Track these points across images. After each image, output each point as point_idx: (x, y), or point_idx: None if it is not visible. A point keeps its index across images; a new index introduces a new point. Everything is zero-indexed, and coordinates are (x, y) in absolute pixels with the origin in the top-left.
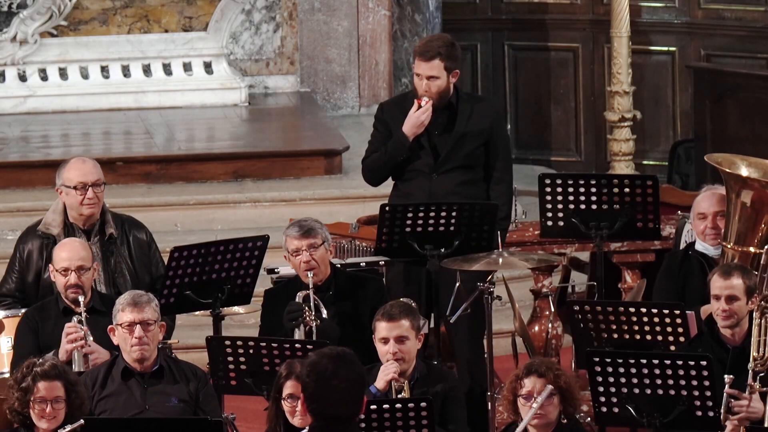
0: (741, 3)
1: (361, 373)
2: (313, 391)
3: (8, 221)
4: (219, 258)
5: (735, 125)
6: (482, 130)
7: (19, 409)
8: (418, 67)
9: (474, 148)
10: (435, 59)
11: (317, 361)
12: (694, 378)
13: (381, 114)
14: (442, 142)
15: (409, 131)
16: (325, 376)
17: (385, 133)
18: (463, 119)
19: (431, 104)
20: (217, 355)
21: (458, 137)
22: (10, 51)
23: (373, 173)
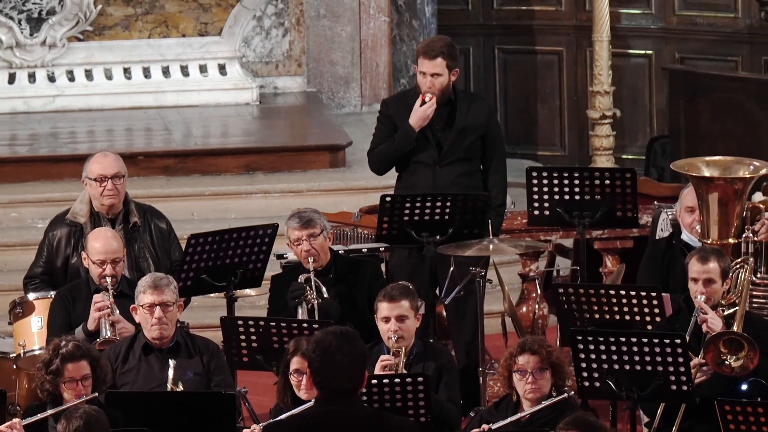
0: (712, 10)
1: (362, 350)
2: (318, 365)
3: (38, 210)
4: (232, 244)
5: (707, 123)
6: (479, 124)
7: (50, 389)
8: (422, 66)
9: (472, 142)
10: (438, 58)
11: (322, 338)
12: (669, 355)
13: (385, 109)
14: (445, 136)
15: (415, 124)
16: (329, 352)
17: (390, 126)
18: (462, 115)
19: (435, 100)
20: (231, 334)
21: (459, 131)
22: (40, 54)
23: (380, 163)
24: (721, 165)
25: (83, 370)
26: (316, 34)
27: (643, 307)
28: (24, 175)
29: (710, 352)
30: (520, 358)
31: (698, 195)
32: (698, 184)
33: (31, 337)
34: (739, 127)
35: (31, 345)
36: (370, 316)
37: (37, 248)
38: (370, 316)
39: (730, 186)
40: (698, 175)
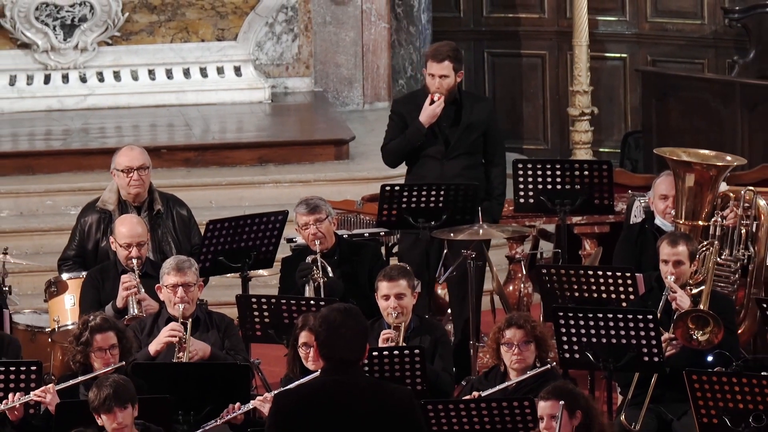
0: (681, 17)
1: (364, 325)
2: (324, 338)
3: (71, 199)
4: (246, 229)
5: (676, 119)
6: (482, 122)
7: (81, 360)
8: (430, 68)
9: (476, 138)
10: (445, 61)
11: (328, 314)
12: (642, 329)
13: (397, 108)
14: (451, 133)
15: (425, 121)
16: (334, 327)
17: (401, 123)
18: (466, 113)
19: (443, 99)
20: (245, 311)
21: (464, 128)
22: (73, 57)
23: (393, 156)
24: (697, 155)
25: (110, 340)
26: (322, 39)
27: (618, 286)
28: (58, 167)
29: (679, 328)
30: (507, 332)
31: (676, 178)
32: (678, 168)
33: (65, 314)
34: (705, 123)
35: (64, 321)
36: (371, 294)
37: (70, 233)
38: (371, 294)
39: (706, 171)
40: (679, 159)
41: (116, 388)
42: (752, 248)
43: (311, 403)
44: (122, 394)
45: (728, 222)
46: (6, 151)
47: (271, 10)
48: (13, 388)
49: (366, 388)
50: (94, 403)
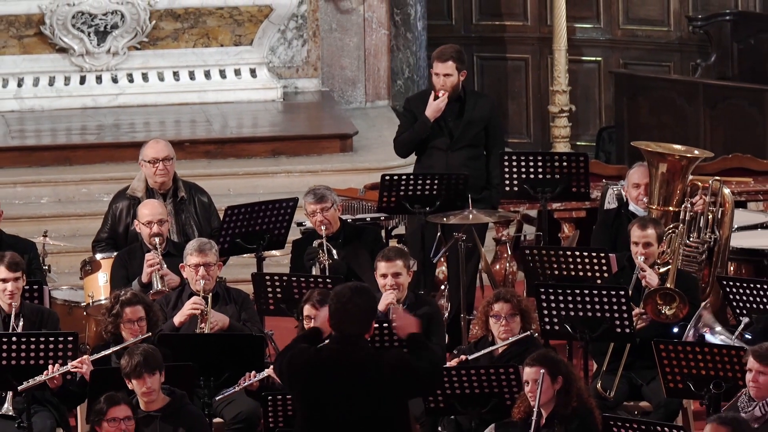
0: (650, 24)
1: (372, 304)
2: (334, 311)
3: (104, 187)
4: (261, 214)
5: (645, 116)
6: (483, 117)
7: (112, 330)
8: (436, 68)
9: (478, 131)
10: (449, 61)
11: (340, 291)
12: (615, 304)
13: (408, 105)
14: (456, 127)
15: (430, 115)
16: (343, 302)
17: (411, 119)
18: (470, 109)
19: (447, 96)
20: (260, 287)
21: (467, 123)
22: (105, 60)
23: (403, 147)
24: (668, 148)
25: (139, 313)
26: (328, 44)
27: (593, 265)
28: (92, 159)
29: (649, 304)
30: (495, 305)
31: (650, 167)
32: (653, 159)
33: (98, 290)
34: (671, 119)
35: (98, 296)
36: (371, 273)
37: (103, 218)
38: (371, 273)
39: (678, 162)
40: (655, 150)
41: (145, 356)
42: (717, 232)
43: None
44: (151, 362)
45: (697, 208)
46: (46, 144)
47: (283, 18)
48: (52, 356)
49: (366, 355)
50: (125, 370)
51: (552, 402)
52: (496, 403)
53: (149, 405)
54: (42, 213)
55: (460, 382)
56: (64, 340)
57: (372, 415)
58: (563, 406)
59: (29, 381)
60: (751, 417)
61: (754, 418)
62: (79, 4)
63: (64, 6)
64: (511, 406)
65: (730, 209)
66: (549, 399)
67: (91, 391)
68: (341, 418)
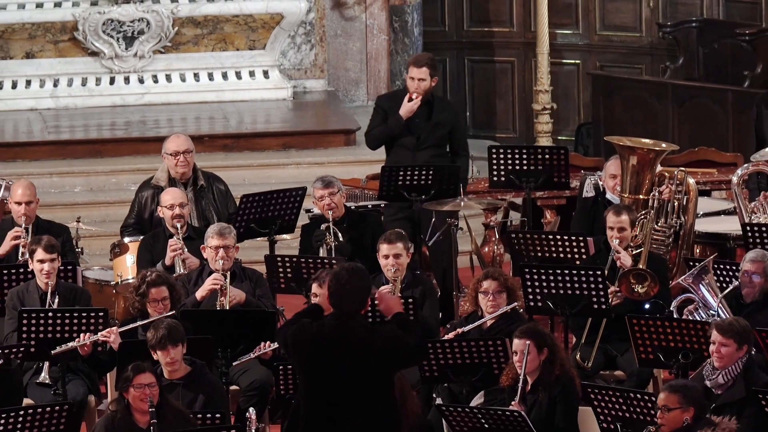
0: (624, 31)
1: (367, 284)
2: (333, 291)
3: (131, 177)
4: (273, 202)
5: (620, 113)
6: (449, 121)
7: (139, 307)
8: (411, 72)
9: (444, 134)
10: (424, 67)
11: (338, 272)
12: (592, 283)
13: (380, 102)
14: (423, 128)
15: (404, 114)
16: (341, 283)
17: (382, 115)
18: (437, 113)
19: (420, 98)
20: (272, 267)
21: (434, 124)
22: (133, 63)
23: (375, 141)
24: (640, 143)
25: (163, 293)
26: (334, 48)
27: (573, 247)
28: (121, 151)
29: (623, 283)
30: (484, 282)
31: (622, 160)
32: (624, 152)
33: (126, 270)
34: (642, 117)
35: (126, 276)
36: (373, 254)
37: (130, 205)
38: (373, 254)
39: (646, 155)
40: (625, 145)
41: (169, 330)
42: (683, 217)
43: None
44: (174, 335)
45: (664, 196)
46: (79, 138)
47: (293, 25)
48: (84, 330)
49: (362, 330)
50: (151, 342)
51: (537, 371)
52: (486, 372)
53: (172, 374)
54: (75, 201)
55: (453, 354)
56: (95, 316)
57: (366, 382)
58: (547, 374)
59: (62, 346)
60: (715, 384)
61: (718, 384)
62: (109, 12)
63: (95, 14)
64: (499, 375)
65: (694, 197)
66: (535, 368)
67: (119, 361)
68: (339, 384)
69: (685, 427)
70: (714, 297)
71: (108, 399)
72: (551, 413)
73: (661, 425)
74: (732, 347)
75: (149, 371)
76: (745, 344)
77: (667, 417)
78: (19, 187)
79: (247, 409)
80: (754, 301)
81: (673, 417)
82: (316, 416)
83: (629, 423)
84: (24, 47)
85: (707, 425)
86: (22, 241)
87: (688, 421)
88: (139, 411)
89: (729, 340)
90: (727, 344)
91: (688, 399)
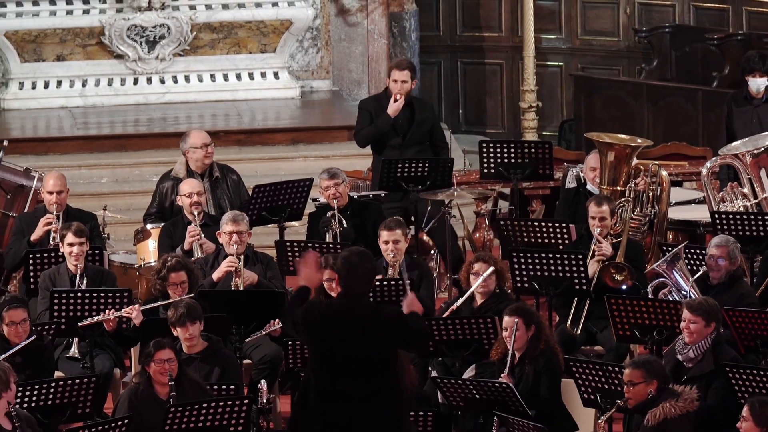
0: (603, 35)
1: (374, 267)
2: (345, 273)
3: (153, 169)
4: (282, 191)
5: (599, 111)
6: (429, 119)
7: (160, 288)
8: (394, 75)
9: (425, 131)
10: (405, 70)
11: (348, 256)
12: (575, 265)
13: (364, 106)
14: (407, 127)
15: (391, 113)
16: (352, 266)
17: (368, 117)
18: (419, 112)
19: (403, 99)
20: (281, 252)
21: (418, 123)
22: (154, 65)
23: (366, 139)
24: (617, 138)
25: (182, 277)
26: (338, 51)
27: (557, 233)
28: (143, 146)
29: (605, 272)
30: (475, 265)
31: (600, 154)
32: (602, 147)
33: (148, 254)
34: (620, 114)
35: (148, 259)
36: (374, 239)
37: (152, 195)
38: (374, 239)
39: (623, 150)
40: (604, 141)
41: (188, 308)
42: (657, 206)
43: (329, 318)
44: (193, 313)
45: (639, 187)
46: (105, 134)
47: (301, 30)
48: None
49: (368, 308)
50: (172, 319)
51: (524, 346)
52: (477, 347)
53: (190, 349)
54: (102, 191)
55: (447, 330)
56: (120, 296)
57: (371, 355)
58: (533, 349)
59: (88, 319)
60: (686, 358)
61: (689, 359)
62: (132, 18)
63: (120, 20)
64: (489, 350)
65: (667, 188)
66: (522, 344)
67: (142, 337)
68: (346, 358)
69: (650, 399)
70: (686, 281)
71: (132, 372)
72: (536, 385)
73: (629, 398)
74: (700, 324)
75: (169, 347)
76: (713, 322)
77: (633, 391)
78: (51, 178)
79: (258, 381)
80: (720, 282)
81: (638, 390)
82: (325, 388)
83: (607, 393)
84: (55, 51)
85: (670, 395)
86: (53, 227)
87: (652, 393)
88: (159, 383)
89: (698, 318)
90: (696, 321)
91: (651, 373)
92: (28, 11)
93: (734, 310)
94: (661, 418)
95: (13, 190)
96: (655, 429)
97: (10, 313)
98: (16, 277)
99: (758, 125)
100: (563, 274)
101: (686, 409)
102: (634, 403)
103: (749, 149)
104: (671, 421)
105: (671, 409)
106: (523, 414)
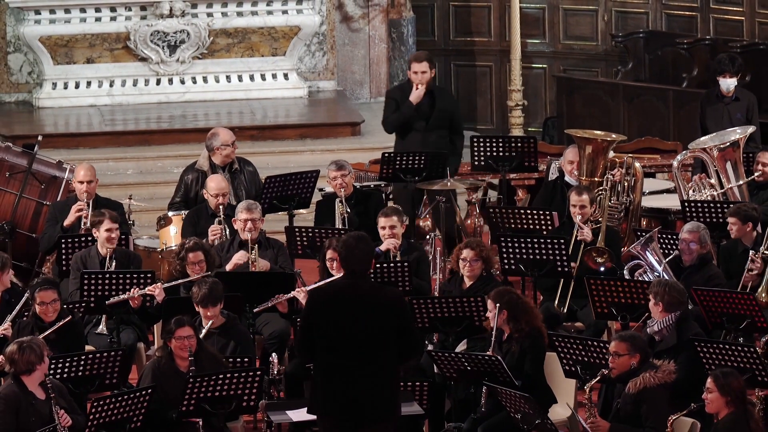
0: (583, 40)
1: (371, 248)
2: (344, 255)
3: (175, 162)
4: (292, 182)
5: (580, 109)
6: (449, 106)
7: (180, 270)
8: (414, 67)
9: (446, 117)
10: (424, 61)
11: (347, 239)
12: (557, 250)
13: (391, 94)
14: (430, 112)
15: (413, 100)
16: (351, 248)
17: (394, 104)
18: (439, 99)
19: (424, 88)
20: (291, 237)
21: (438, 110)
22: (175, 67)
23: (392, 125)
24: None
25: (199, 257)
26: (342, 54)
27: (541, 220)
28: (166, 140)
29: (587, 256)
30: (464, 251)
31: (580, 149)
32: (581, 142)
33: (170, 239)
34: (598, 112)
35: (170, 244)
36: (376, 225)
37: (175, 186)
38: (376, 225)
39: (600, 144)
40: (582, 136)
41: (211, 287)
42: (631, 195)
43: (334, 297)
44: (215, 294)
45: (615, 178)
46: (131, 130)
47: (308, 35)
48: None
49: (369, 288)
50: (196, 298)
51: (505, 326)
52: (468, 323)
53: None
54: (127, 181)
55: (441, 308)
56: (144, 276)
57: (373, 333)
58: (516, 330)
59: (115, 297)
60: (653, 332)
61: (655, 332)
62: (155, 25)
63: (144, 26)
64: (479, 327)
65: (641, 178)
66: (500, 324)
67: (164, 314)
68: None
69: (632, 370)
70: (659, 262)
71: (155, 346)
72: (521, 361)
73: (612, 368)
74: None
75: (188, 325)
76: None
77: (617, 362)
78: (82, 169)
79: (270, 354)
80: (691, 264)
81: (622, 362)
82: (331, 365)
83: (587, 366)
84: (85, 54)
85: (650, 368)
86: (84, 213)
87: (634, 365)
88: (180, 357)
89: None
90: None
91: (635, 347)
92: (61, 18)
93: (702, 290)
94: (641, 386)
95: (47, 181)
96: (635, 396)
97: (41, 294)
98: (50, 259)
99: (729, 121)
100: (547, 257)
101: (664, 379)
102: (617, 372)
103: (716, 144)
104: (650, 389)
105: (651, 379)
106: (510, 384)
